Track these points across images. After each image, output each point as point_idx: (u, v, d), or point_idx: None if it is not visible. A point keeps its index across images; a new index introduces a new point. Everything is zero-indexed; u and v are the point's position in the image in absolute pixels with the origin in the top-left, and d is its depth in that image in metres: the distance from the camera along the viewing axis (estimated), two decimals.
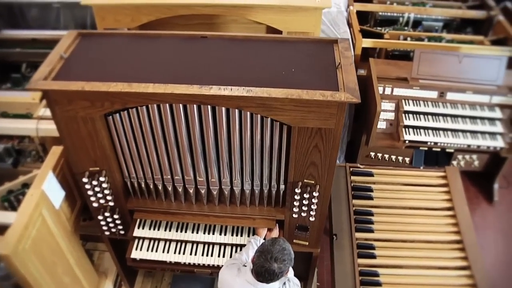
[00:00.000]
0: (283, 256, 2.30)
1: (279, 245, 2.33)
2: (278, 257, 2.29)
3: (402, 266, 3.05)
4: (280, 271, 2.30)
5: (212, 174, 2.72)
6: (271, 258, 2.28)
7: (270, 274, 2.29)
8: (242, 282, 2.43)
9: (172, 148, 2.59)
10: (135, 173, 2.80)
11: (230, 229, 3.02)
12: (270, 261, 2.28)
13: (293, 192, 2.67)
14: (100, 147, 2.59)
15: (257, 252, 2.35)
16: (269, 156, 2.58)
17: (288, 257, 2.33)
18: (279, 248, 2.31)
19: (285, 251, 2.32)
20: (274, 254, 2.28)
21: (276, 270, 2.28)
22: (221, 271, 2.59)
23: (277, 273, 2.30)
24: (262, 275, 2.31)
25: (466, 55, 3.85)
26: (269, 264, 2.27)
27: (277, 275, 2.31)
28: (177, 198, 2.97)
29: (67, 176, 3.12)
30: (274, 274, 2.29)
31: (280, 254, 2.30)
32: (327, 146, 2.41)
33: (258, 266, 2.30)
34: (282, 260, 2.30)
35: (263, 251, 2.31)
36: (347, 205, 3.31)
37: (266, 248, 2.32)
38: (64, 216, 3.07)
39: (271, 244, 2.33)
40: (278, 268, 2.29)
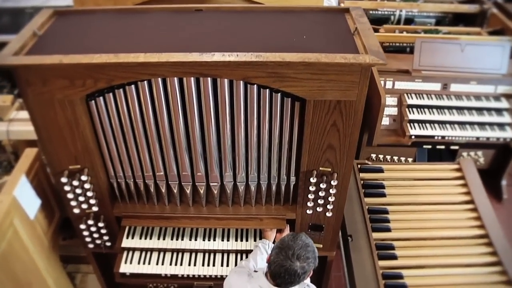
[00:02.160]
0: (306, 253, 1.94)
1: (301, 240, 1.98)
2: (301, 255, 1.93)
3: (426, 266, 2.74)
4: (303, 271, 1.94)
5: (212, 168, 2.36)
6: (292, 255, 1.92)
7: (291, 275, 1.92)
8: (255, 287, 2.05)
9: (165, 136, 2.23)
10: (122, 172, 2.41)
11: (233, 233, 2.64)
12: (291, 259, 1.91)
13: (306, 184, 2.34)
14: (81, 139, 2.21)
15: (275, 249, 1.98)
16: (278, 141, 2.26)
17: (312, 255, 1.97)
18: (301, 244, 1.95)
19: (308, 248, 1.97)
20: (297, 251, 1.92)
21: (299, 270, 1.92)
22: (228, 278, 2.21)
23: (299, 274, 1.93)
24: (281, 276, 1.93)
25: (468, 43, 3.68)
26: (290, 263, 1.91)
27: (299, 277, 1.95)
28: (171, 200, 2.59)
29: (43, 183, 2.71)
30: (296, 275, 1.93)
31: (303, 250, 1.94)
32: (347, 123, 2.10)
33: (276, 266, 1.93)
34: (306, 258, 1.94)
35: (283, 247, 1.95)
36: (359, 204, 3.00)
37: (286, 243, 1.96)
38: (41, 228, 2.65)
39: (292, 239, 1.97)
40: (301, 268, 1.92)
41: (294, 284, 1.99)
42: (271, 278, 2.00)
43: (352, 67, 1.91)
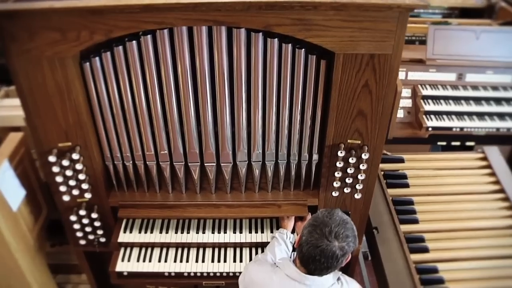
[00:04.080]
0: (346, 231, 1.63)
1: (338, 215, 1.67)
2: (339, 232, 1.61)
3: (461, 259, 2.45)
4: (342, 253, 1.63)
5: (224, 144, 2.06)
6: (329, 233, 1.60)
7: (328, 257, 1.60)
8: (281, 279, 1.73)
9: (171, 105, 1.94)
10: (119, 151, 2.10)
11: (246, 224, 2.31)
12: (328, 237, 1.60)
13: (332, 160, 2.05)
14: (73, 110, 1.90)
15: (307, 227, 1.67)
16: (301, 110, 1.98)
17: (352, 233, 1.66)
18: (339, 220, 1.65)
19: (347, 224, 1.66)
20: (334, 228, 1.61)
21: (337, 251, 1.61)
22: (248, 271, 1.88)
23: (337, 256, 1.61)
24: (316, 260, 1.61)
25: (483, 30, 3.49)
26: (327, 243, 1.59)
27: (337, 260, 1.63)
28: (175, 188, 2.27)
29: (29, 173, 2.38)
30: (334, 257, 1.61)
31: (342, 227, 1.63)
32: (381, 83, 1.84)
33: (310, 247, 1.61)
34: (345, 237, 1.62)
35: (317, 224, 1.64)
36: (382, 195, 2.73)
37: (321, 220, 1.65)
38: (25, 224, 2.30)
39: (327, 215, 1.66)
40: (340, 248, 1.61)
41: (330, 270, 1.67)
42: (302, 265, 1.68)
43: (389, 13, 1.66)
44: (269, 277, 1.75)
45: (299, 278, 1.68)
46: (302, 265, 1.68)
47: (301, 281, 1.68)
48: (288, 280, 1.70)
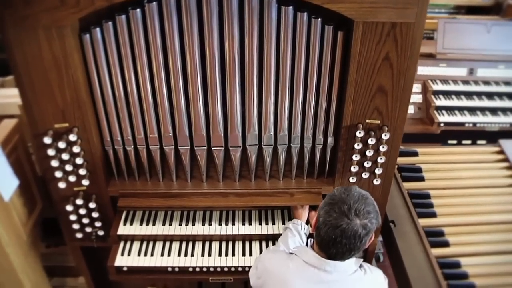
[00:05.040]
0: (367, 207, 1.47)
1: (356, 191, 1.51)
2: (359, 209, 1.45)
3: (484, 253, 2.30)
4: (366, 231, 1.46)
5: (234, 125, 1.92)
6: (349, 210, 1.44)
7: (350, 237, 1.44)
8: (299, 266, 1.56)
9: (176, 82, 1.80)
10: (120, 134, 1.95)
11: (256, 216, 2.16)
12: (348, 215, 1.44)
13: (349, 143, 1.91)
14: (71, 87, 1.76)
15: (324, 207, 1.51)
16: (316, 86, 1.84)
17: (373, 208, 1.50)
18: (358, 195, 1.49)
19: (368, 200, 1.51)
20: (354, 205, 1.45)
21: (360, 230, 1.44)
22: (263, 258, 1.72)
23: (360, 235, 1.45)
24: (337, 242, 1.45)
25: (494, 24, 3.41)
26: (347, 221, 1.43)
27: (361, 240, 1.46)
28: (180, 176, 2.11)
29: (23, 163, 2.23)
30: (357, 237, 1.44)
31: (362, 203, 1.47)
32: (403, 56, 1.71)
33: (329, 228, 1.45)
34: (367, 213, 1.46)
35: (335, 202, 1.48)
36: (398, 188, 2.59)
37: (338, 197, 1.49)
38: (17, 217, 2.13)
39: (344, 192, 1.51)
40: (363, 226, 1.45)
41: (353, 253, 1.50)
42: (322, 249, 1.51)
43: None
44: (285, 264, 1.59)
45: (319, 264, 1.51)
46: (321, 250, 1.52)
47: (320, 267, 1.51)
48: (306, 267, 1.53)
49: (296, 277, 1.53)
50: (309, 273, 1.52)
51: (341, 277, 1.51)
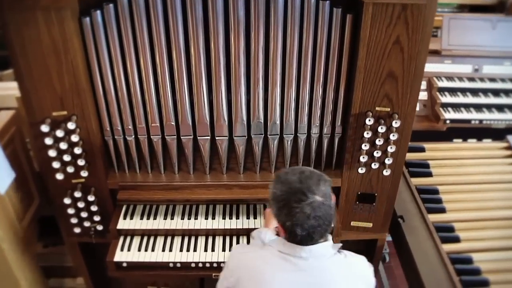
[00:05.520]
0: (309, 180, 1.33)
1: (300, 169, 1.38)
2: (310, 186, 1.31)
3: (496, 249, 2.23)
4: (326, 198, 1.32)
5: (238, 113, 1.85)
6: (303, 193, 1.29)
7: (316, 218, 1.30)
8: (274, 256, 1.40)
9: (180, 68, 1.74)
10: (120, 124, 1.89)
11: (261, 209, 2.08)
12: (306, 192, 1.29)
13: (358, 132, 1.85)
14: (70, 73, 1.70)
15: (274, 204, 1.36)
16: (323, 72, 1.78)
17: (316, 176, 1.35)
18: (297, 178, 1.33)
19: (309, 169, 1.38)
20: (304, 179, 1.32)
21: (325, 202, 1.31)
22: (233, 254, 1.56)
23: (324, 204, 1.31)
24: (304, 223, 1.30)
25: (500, 20, 3.36)
26: (308, 201, 1.29)
27: (329, 215, 1.33)
28: (182, 168, 2.05)
29: (20, 156, 2.16)
30: (321, 210, 1.30)
31: (308, 178, 1.33)
32: (414, 39, 1.66)
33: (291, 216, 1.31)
34: (316, 185, 1.32)
35: (283, 182, 1.34)
36: (406, 183, 2.52)
37: (283, 179, 1.35)
38: (14, 211, 2.05)
39: (285, 174, 1.37)
40: (323, 196, 1.31)
41: (325, 231, 1.36)
42: (292, 239, 1.37)
43: None
44: (260, 256, 1.44)
45: (294, 252, 1.37)
46: (292, 239, 1.37)
47: (296, 254, 1.37)
48: (282, 257, 1.39)
49: (273, 268, 1.39)
50: (286, 263, 1.39)
51: (319, 262, 1.38)
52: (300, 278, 1.36)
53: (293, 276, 1.37)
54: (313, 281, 1.37)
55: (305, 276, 1.37)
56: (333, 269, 1.40)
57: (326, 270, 1.39)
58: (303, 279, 1.36)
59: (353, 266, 1.47)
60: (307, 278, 1.37)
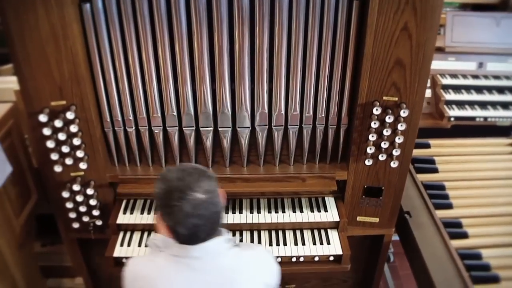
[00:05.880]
0: (189, 177, 1.27)
1: (182, 166, 1.35)
2: (190, 183, 1.25)
3: (505, 245, 2.18)
4: (211, 194, 1.27)
5: (242, 103, 1.80)
6: (181, 191, 1.23)
7: (199, 217, 1.24)
8: (167, 261, 1.34)
9: (182, 56, 1.69)
10: (121, 114, 1.84)
11: (265, 204, 2.03)
12: (184, 196, 1.23)
13: (365, 123, 1.80)
14: (70, 60, 1.66)
15: (162, 208, 1.28)
16: (329, 61, 1.74)
17: (196, 171, 1.30)
18: (177, 175, 1.28)
19: (192, 166, 1.33)
20: (185, 177, 1.26)
21: (205, 197, 1.24)
22: (127, 265, 1.40)
23: (212, 202, 1.26)
24: (186, 222, 1.24)
25: (503, 16, 3.33)
26: (188, 200, 1.23)
27: (214, 206, 1.27)
28: (183, 161, 1.99)
29: (18, 150, 2.11)
30: (203, 208, 1.24)
31: (187, 176, 1.27)
32: (422, 26, 1.62)
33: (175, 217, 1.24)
34: (197, 181, 1.26)
35: (163, 180, 1.29)
36: (412, 179, 2.47)
37: (164, 177, 1.30)
38: (10, 206, 2.00)
39: (165, 173, 1.32)
40: (205, 193, 1.25)
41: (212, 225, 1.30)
42: (181, 239, 1.30)
43: None
44: (153, 264, 1.36)
45: (186, 253, 1.31)
46: (180, 240, 1.31)
47: (188, 255, 1.31)
48: (175, 260, 1.33)
49: (168, 275, 1.32)
50: (180, 266, 1.32)
51: (215, 259, 1.33)
52: (198, 279, 1.31)
53: (190, 278, 1.31)
54: (213, 279, 1.31)
55: (203, 275, 1.31)
56: (232, 264, 1.35)
57: (224, 266, 1.33)
58: (201, 278, 1.31)
59: (252, 257, 1.41)
60: (205, 277, 1.31)
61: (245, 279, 1.35)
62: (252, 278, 1.37)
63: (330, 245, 1.93)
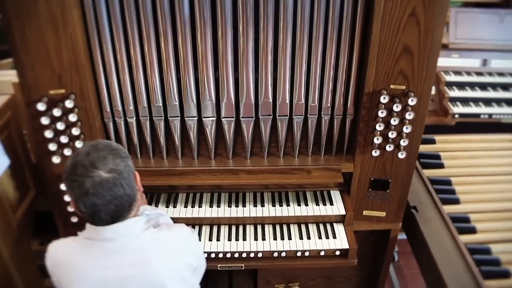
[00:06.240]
0: (100, 152, 1.24)
1: (84, 147, 1.28)
2: (94, 159, 1.21)
3: None
4: (119, 174, 1.23)
5: (246, 91, 1.76)
6: (85, 168, 1.20)
7: (107, 190, 1.20)
8: (82, 245, 1.32)
9: (184, 40, 1.65)
10: (121, 104, 1.79)
11: (269, 197, 1.98)
12: (87, 172, 1.19)
13: (372, 112, 1.76)
14: (69, 47, 1.61)
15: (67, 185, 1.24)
16: (336, 48, 1.70)
17: (109, 150, 1.26)
18: (86, 150, 1.25)
19: (99, 146, 1.27)
20: (86, 160, 1.21)
21: (110, 177, 1.21)
22: (50, 252, 1.38)
23: (115, 182, 1.21)
24: (85, 200, 1.20)
25: (508, 13, 3.30)
26: (91, 179, 1.19)
27: (121, 186, 1.23)
28: (185, 154, 1.94)
29: (16, 142, 2.05)
30: (113, 185, 1.21)
31: (94, 153, 1.23)
32: (430, 11, 1.58)
33: (82, 197, 1.20)
34: (103, 159, 1.23)
35: (70, 172, 1.23)
36: (418, 174, 2.43)
37: (69, 166, 1.24)
38: (7, 200, 1.94)
39: (72, 158, 1.26)
40: (110, 171, 1.21)
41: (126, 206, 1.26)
42: (91, 220, 1.27)
43: None
44: (70, 249, 1.33)
45: (97, 235, 1.28)
46: (91, 221, 1.28)
47: (100, 237, 1.27)
48: (89, 244, 1.30)
49: (83, 259, 1.29)
50: (93, 249, 1.29)
51: (130, 241, 1.29)
52: (111, 263, 1.27)
53: (104, 262, 1.27)
54: (126, 262, 1.28)
55: (117, 258, 1.27)
56: (146, 246, 1.31)
57: (138, 248, 1.30)
58: (115, 262, 1.27)
59: (169, 237, 1.37)
60: (120, 260, 1.27)
61: (162, 260, 1.31)
62: (169, 259, 1.33)
63: (336, 239, 1.87)
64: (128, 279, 1.28)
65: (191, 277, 1.41)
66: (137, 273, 1.29)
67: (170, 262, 1.33)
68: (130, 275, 1.28)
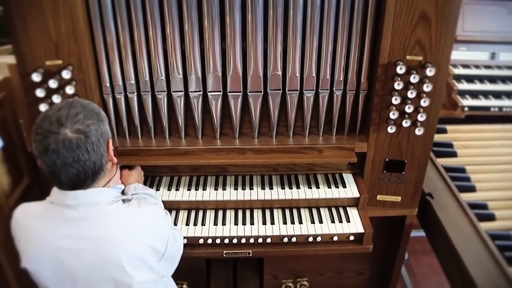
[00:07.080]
0: (72, 110, 1.18)
1: (73, 99, 1.27)
2: (62, 116, 1.16)
3: None
4: (85, 136, 1.16)
5: (254, 63, 1.66)
6: (51, 123, 1.15)
7: (68, 151, 1.14)
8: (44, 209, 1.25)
9: (188, 8, 1.56)
10: (121, 77, 1.69)
11: (277, 180, 1.87)
12: (52, 128, 1.15)
13: (387, 86, 1.66)
14: (67, 15, 1.53)
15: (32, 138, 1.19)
16: (349, 16, 1.61)
17: (83, 109, 1.20)
18: (60, 105, 1.21)
19: (74, 104, 1.22)
20: (54, 116, 1.16)
21: (74, 137, 1.15)
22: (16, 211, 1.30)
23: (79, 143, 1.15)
24: (44, 157, 1.15)
25: None
26: (54, 136, 1.14)
27: (85, 149, 1.16)
28: (189, 134, 1.84)
29: (9, 124, 1.96)
30: (76, 147, 1.15)
31: (66, 109, 1.18)
32: None
33: (42, 154, 1.15)
34: (74, 116, 1.17)
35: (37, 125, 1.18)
36: (431, 162, 2.33)
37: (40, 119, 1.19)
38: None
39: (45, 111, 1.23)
40: (76, 132, 1.15)
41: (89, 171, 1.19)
42: (54, 183, 1.21)
43: None
44: (32, 211, 1.27)
45: (60, 199, 1.21)
46: (54, 183, 1.22)
47: (62, 202, 1.21)
48: (50, 208, 1.24)
49: (42, 224, 1.23)
50: (54, 214, 1.22)
51: (91, 212, 1.21)
52: (71, 232, 1.19)
53: (62, 230, 1.20)
54: (85, 234, 1.19)
55: (76, 229, 1.20)
56: (109, 220, 1.22)
57: (99, 221, 1.21)
58: (74, 232, 1.19)
59: (135, 215, 1.27)
60: (79, 231, 1.19)
61: (123, 238, 1.21)
62: (132, 237, 1.23)
63: (350, 223, 1.76)
64: (84, 253, 1.19)
65: (156, 264, 1.30)
66: (95, 247, 1.19)
67: (132, 240, 1.23)
68: (87, 248, 1.19)
